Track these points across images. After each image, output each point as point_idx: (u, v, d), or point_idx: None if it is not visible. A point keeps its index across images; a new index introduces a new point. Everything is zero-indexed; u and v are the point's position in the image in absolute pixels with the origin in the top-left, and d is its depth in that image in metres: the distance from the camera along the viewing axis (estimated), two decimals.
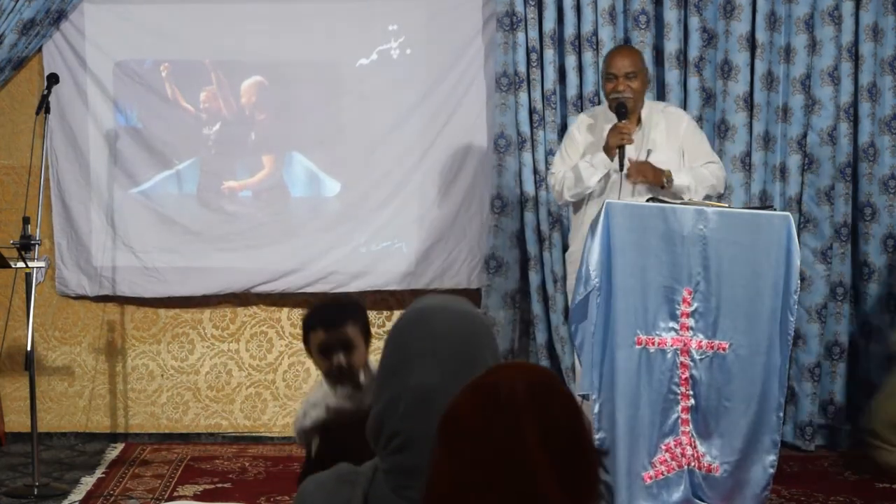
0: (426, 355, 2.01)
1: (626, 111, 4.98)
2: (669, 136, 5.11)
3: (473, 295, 6.22)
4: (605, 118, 5.13)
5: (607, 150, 4.95)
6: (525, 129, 5.94)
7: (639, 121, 5.10)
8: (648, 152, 5.06)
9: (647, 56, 5.90)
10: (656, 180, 4.97)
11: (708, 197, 5.00)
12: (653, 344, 4.62)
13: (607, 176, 5.02)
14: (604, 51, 5.84)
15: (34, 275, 5.26)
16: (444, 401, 1.85)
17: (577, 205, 5.16)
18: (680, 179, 4.97)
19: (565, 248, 6.01)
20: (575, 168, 5.01)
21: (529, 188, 5.96)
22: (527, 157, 5.94)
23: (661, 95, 5.97)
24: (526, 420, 1.77)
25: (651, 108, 5.15)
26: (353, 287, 6.11)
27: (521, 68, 5.90)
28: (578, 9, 5.89)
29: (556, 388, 1.83)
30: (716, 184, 5.08)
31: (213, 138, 6.08)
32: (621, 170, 4.96)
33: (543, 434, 1.76)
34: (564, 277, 5.72)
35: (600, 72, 5.33)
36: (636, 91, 5.03)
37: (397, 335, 2.07)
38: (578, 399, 4.81)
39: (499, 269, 6.03)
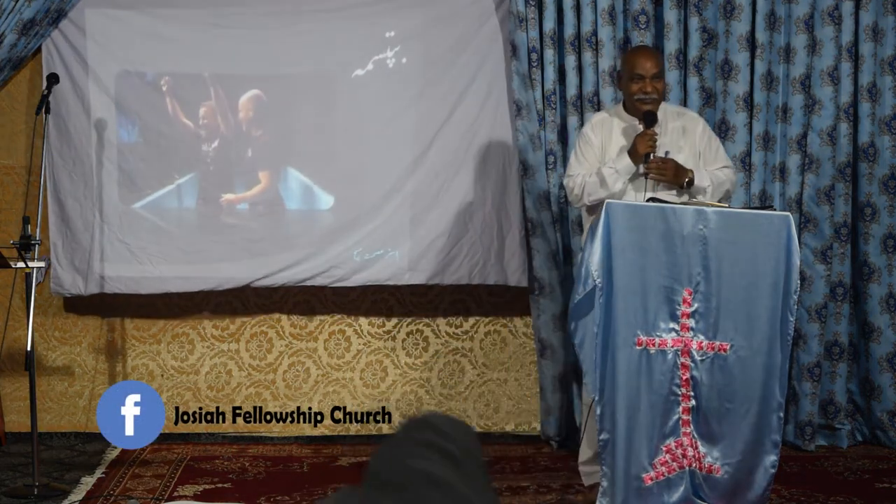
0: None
1: (654, 119, 4.96)
2: (687, 139, 5.09)
3: (473, 291, 6.23)
4: (620, 119, 5.12)
5: (633, 155, 4.93)
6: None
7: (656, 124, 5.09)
8: (666, 153, 5.04)
9: None
10: (677, 179, 4.94)
11: (719, 200, 4.98)
12: (653, 345, 4.62)
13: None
14: (603, 51, 5.85)
15: (34, 275, 5.25)
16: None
17: (593, 207, 5.12)
18: (700, 181, 4.95)
19: (566, 247, 6.01)
20: (598, 173, 4.97)
21: None
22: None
23: None
24: None
25: (666, 110, 5.12)
26: (353, 282, 6.11)
27: (523, 68, 5.90)
28: (578, 9, 5.89)
29: None
30: (729, 189, 5.08)
31: (212, 155, 6.10)
32: (647, 176, 4.94)
33: None
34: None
35: (619, 71, 5.27)
36: (661, 92, 5.02)
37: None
38: (589, 400, 4.81)
39: (555, 266, 6.01)
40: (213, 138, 6.10)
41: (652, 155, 4.91)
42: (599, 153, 5.08)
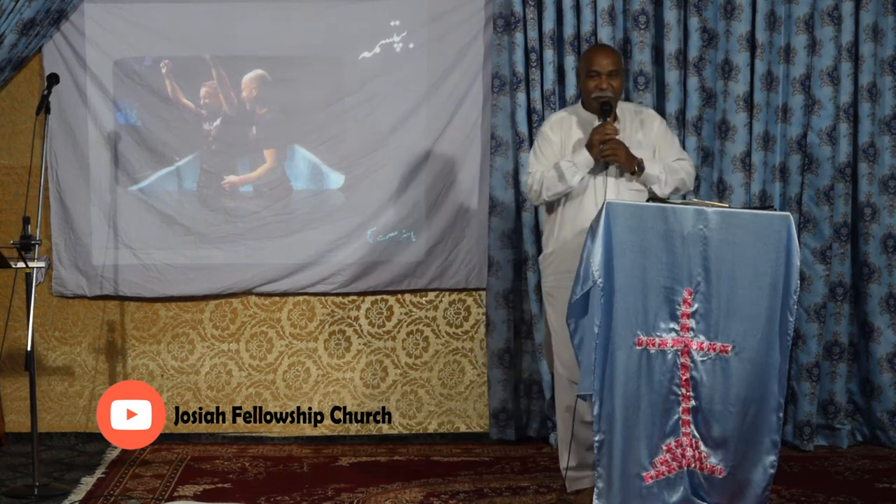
0: None
1: (610, 109, 4.96)
2: (644, 136, 5.09)
3: (474, 291, 6.23)
4: (578, 116, 5.11)
5: (590, 148, 4.92)
6: (524, 129, 5.95)
7: (615, 119, 5.08)
8: None
9: (647, 56, 5.92)
10: (627, 164, 4.93)
11: (677, 191, 4.97)
12: (653, 345, 4.62)
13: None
14: None
15: (34, 275, 5.26)
16: None
17: (551, 206, 5.09)
18: (651, 169, 4.94)
19: None
20: (556, 167, 4.97)
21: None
22: (524, 157, 5.95)
23: (660, 95, 5.97)
24: None
25: (623, 109, 5.11)
26: (354, 288, 6.14)
27: (520, 68, 5.91)
28: (578, 9, 5.89)
29: None
30: (685, 178, 5.03)
31: (214, 134, 6.11)
32: (606, 168, 4.93)
33: None
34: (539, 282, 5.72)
35: (577, 69, 5.27)
36: (616, 90, 5.00)
37: None
38: (575, 400, 4.83)
39: (494, 270, 6.03)
40: (214, 117, 6.10)
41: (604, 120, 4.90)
42: (559, 151, 5.07)
